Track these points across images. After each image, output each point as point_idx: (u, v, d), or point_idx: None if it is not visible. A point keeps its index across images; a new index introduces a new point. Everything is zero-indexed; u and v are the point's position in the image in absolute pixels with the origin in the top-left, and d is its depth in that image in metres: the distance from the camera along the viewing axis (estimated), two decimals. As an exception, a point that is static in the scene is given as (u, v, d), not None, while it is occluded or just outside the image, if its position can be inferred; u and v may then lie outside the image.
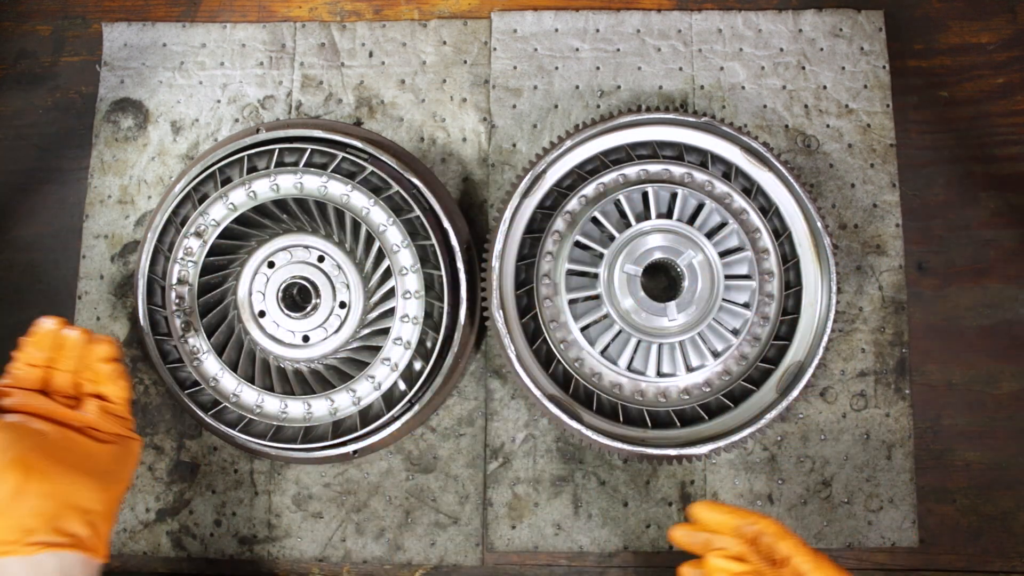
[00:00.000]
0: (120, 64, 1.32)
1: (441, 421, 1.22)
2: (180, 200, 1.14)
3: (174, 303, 1.15)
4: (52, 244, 1.30)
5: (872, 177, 1.25)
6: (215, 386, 1.15)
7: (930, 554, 1.19)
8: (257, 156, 1.16)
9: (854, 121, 1.26)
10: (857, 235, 1.24)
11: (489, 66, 1.29)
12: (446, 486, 1.21)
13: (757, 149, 1.12)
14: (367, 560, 1.20)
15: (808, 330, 1.11)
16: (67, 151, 1.32)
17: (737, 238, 1.13)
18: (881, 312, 1.22)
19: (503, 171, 1.26)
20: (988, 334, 1.23)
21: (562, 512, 1.19)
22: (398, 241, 1.14)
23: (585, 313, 1.13)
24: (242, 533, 1.21)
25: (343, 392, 1.13)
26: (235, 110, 1.30)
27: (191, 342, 1.15)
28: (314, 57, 1.30)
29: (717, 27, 1.28)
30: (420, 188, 1.14)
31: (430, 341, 1.13)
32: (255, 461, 1.22)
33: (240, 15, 1.33)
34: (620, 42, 1.29)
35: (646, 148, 1.17)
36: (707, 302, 1.11)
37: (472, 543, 1.19)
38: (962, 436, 1.21)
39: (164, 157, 1.29)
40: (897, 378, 1.21)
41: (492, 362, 1.22)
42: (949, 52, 1.30)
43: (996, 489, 1.20)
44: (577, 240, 1.12)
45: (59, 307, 1.27)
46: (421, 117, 1.29)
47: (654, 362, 1.12)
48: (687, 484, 1.19)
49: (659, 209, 1.13)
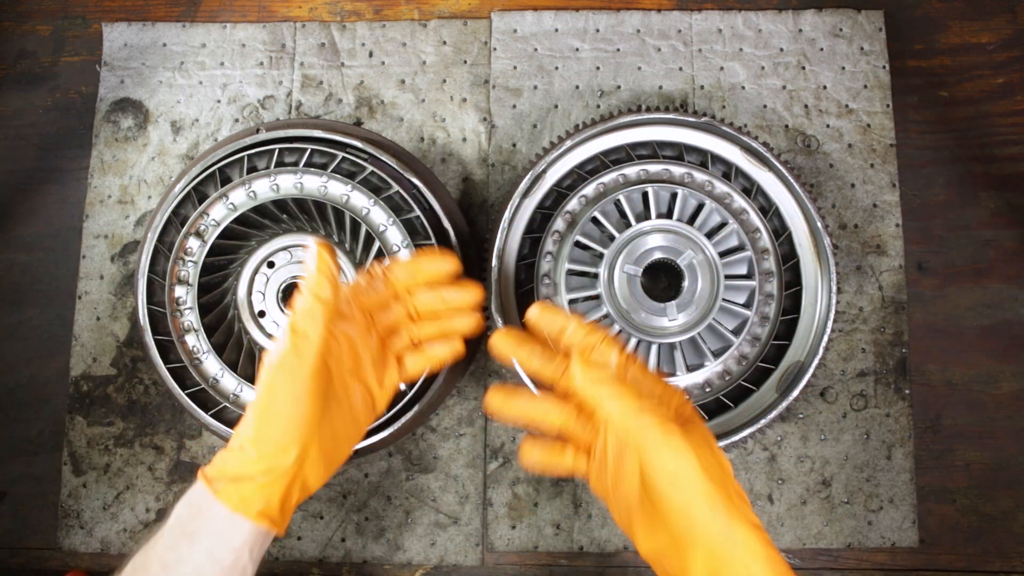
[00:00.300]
0: (120, 64, 1.32)
1: (441, 421, 1.22)
2: (180, 200, 1.14)
3: (174, 303, 1.15)
4: (52, 244, 1.30)
5: (872, 177, 1.25)
6: (215, 386, 1.15)
7: (930, 554, 1.19)
8: (257, 156, 1.16)
9: (854, 121, 1.26)
10: (857, 235, 1.24)
11: (489, 66, 1.29)
12: (446, 486, 1.21)
13: (757, 149, 1.12)
14: (367, 560, 1.20)
15: (808, 330, 1.11)
16: (67, 151, 1.32)
17: (737, 238, 1.13)
18: (881, 312, 1.22)
19: (503, 171, 1.26)
20: (988, 334, 1.23)
21: (562, 512, 1.19)
22: (398, 241, 1.14)
23: (585, 313, 1.13)
24: (242, 533, 1.21)
25: (343, 392, 1.13)
26: (235, 110, 1.30)
27: (191, 342, 1.15)
28: (314, 57, 1.30)
29: (717, 27, 1.28)
30: (420, 188, 1.14)
31: (430, 341, 1.13)
32: (255, 461, 1.22)
33: (240, 15, 1.33)
34: (620, 42, 1.29)
35: (646, 148, 1.17)
36: (707, 302, 1.11)
37: (472, 543, 1.19)
38: (962, 436, 1.21)
39: (164, 157, 1.29)
40: (897, 378, 1.21)
41: (492, 362, 1.23)
42: (949, 52, 1.30)
43: (996, 489, 1.20)
44: (577, 240, 1.12)
45: (59, 307, 1.27)
46: (421, 117, 1.29)
47: (654, 362, 1.12)
48: (687, 484, 1.19)
49: (659, 209, 1.13)
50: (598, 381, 0.80)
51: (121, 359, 1.25)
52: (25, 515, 1.24)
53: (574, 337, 0.86)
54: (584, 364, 0.82)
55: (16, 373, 1.27)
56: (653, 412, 0.78)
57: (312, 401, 0.81)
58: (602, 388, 0.80)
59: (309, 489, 0.84)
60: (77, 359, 1.25)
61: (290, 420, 0.80)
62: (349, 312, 0.89)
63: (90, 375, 1.25)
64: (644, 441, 0.77)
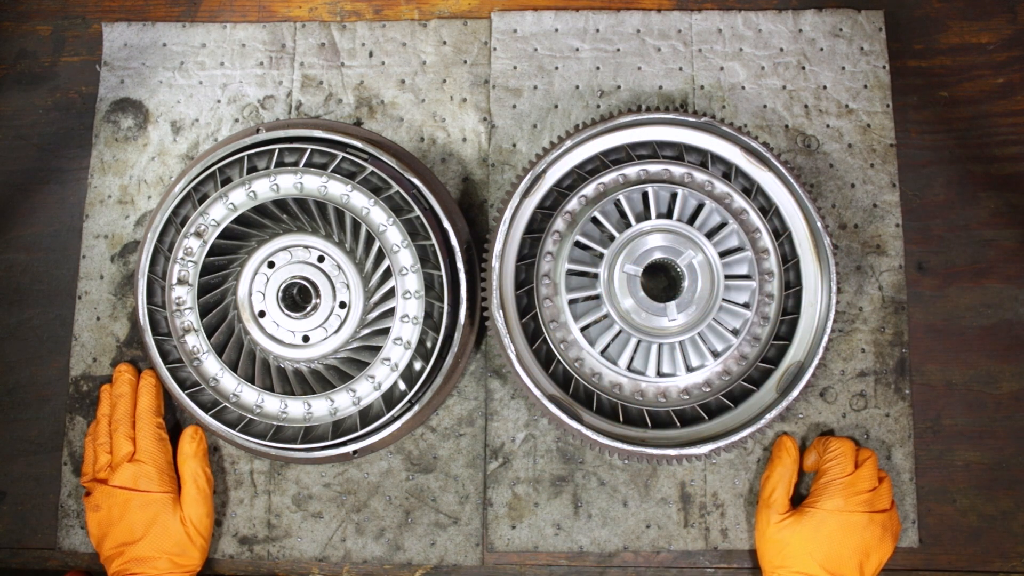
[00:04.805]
0: (120, 64, 1.32)
1: (441, 421, 1.22)
2: (180, 200, 1.14)
3: (174, 303, 1.15)
4: (52, 244, 1.30)
5: (872, 177, 1.25)
6: (215, 386, 1.15)
7: (930, 554, 1.19)
8: (257, 156, 1.16)
9: (854, 121, 1.26)
10: (857, 235, 1.24)
11: (489, 66, 1.29)
12: (446, 486, 1.20)
13: (757, 149, 1.12)
14: (367, 560, 1.20)
15: (808, 330, 1.11)
16: (67, 151, 1.32)
17: (737, 238, 1.13)
18: (881, 312, 1.22)
19: (503, 171, 1.26)
20: (988, 334, 1.23)
21: (562, 512, 1.19)
22: (398, 241, 1.14)
23: (585, 313, 1.13)
24: (242, 533, 1.21)
25: (343, 392, 1.13)
26: (235, 110, 1.30)
27: (191, 342, 1.15)
28: (314, 57, 1.30)
29: (717, 27, 1.28)
30: (420, 188, 1.14)
31: (430, 341, 1.13)
32: (255, 461, 1.22)
33: (240, 15, 1.33)
34: (620, 42, 1.29)
35: (646, 148, 1.17)
36: (707, 302, 1.11)
37: (472, 543, 1.19)
38: (962, 436, 1.21)
39: (164, 157, 1.29)
40: (897, 378, 1.21)
41: (492, 362, 1.22)
42: (949, 52, 1.30)
43: (996, 489, 1.20)
44: (577, 240, 1.12)
45: (59, 307, 1.27)
46: (421, 117, 1.29)
47: (654, 362, 1.12)
48: (687, 484, 1.19)
49: (659, 209, 1.13)
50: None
51: (121, 359, 1.25)
52: (25, 515, 1.24)
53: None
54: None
55: (16, 373, 1.27)
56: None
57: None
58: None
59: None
60: (77, 359, 1.25)
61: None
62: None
63: (90, 375, 1.25)
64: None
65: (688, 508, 1.19)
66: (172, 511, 1.13)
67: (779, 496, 1.13)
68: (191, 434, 1.18)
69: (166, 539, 1.12)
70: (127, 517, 1.12)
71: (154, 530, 1.12)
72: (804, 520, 1.10)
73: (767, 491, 1.14)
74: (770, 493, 1.14)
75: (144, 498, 1.12)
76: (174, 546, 1.12)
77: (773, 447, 1.17)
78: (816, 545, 1.08)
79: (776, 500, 1.13)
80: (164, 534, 1.12)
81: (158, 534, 1.12)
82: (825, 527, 1.09)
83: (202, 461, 1.18)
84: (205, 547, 1.16)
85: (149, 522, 1.12)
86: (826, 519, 1.09)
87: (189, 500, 1.14)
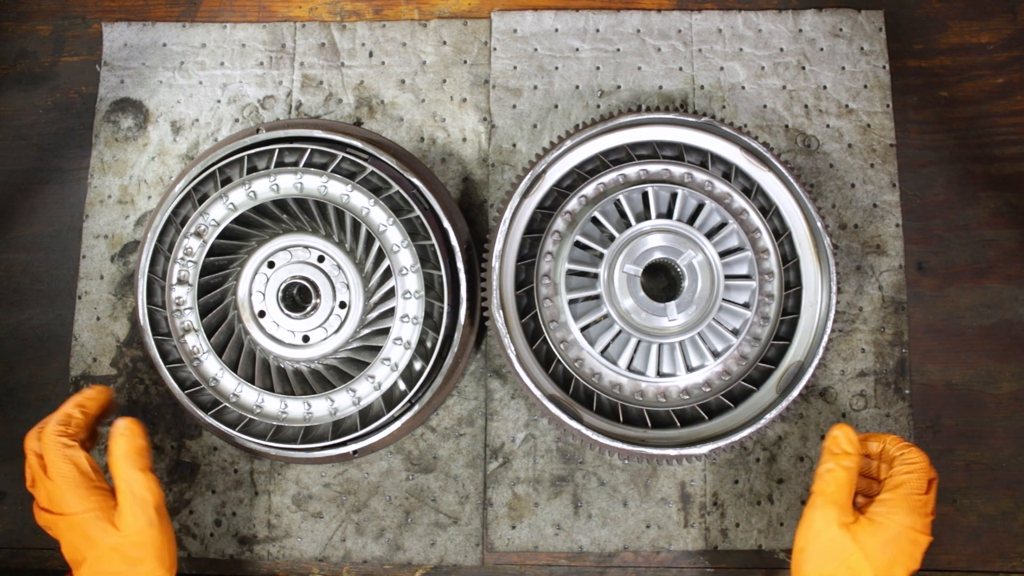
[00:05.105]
0: (120, 64, 1.32)
1: (441, 421, 1.22)
2: (180, 200, 1.14)
3: (174, 303, 1.15)
4: (52, 244, 1.30)
5: (872, 177, 1.25)
6: (215, 386, 1.15)
7: (930, 554, 1.19)
8: (257, 156, 1.16)
9: (854, 121, 1.26)
10: (857, 235, 1.24)
11: (489, 66, 1.29)
12: (446, 486, 1.21)
13: (757, 149, 1.12)
14: (367, 560, 1.20)
15: (808, 330, 1.11)
16: (67, 151, 1.32)
17: (737, 238, 1.13)
18: (881, 312, 1.22)
19: (503, 171, 1.26)
20: (988, 334, 1.23)
21: (562, 512, 1.19)
22: (398, 241, 1.14)
23: (585, 313, 1.13)
24: (242, 533, 1.21)
25: (343, 392, 1.13)
26: (235, 110, 1.30)
27: (191, 342, 1.15)
28: (314, 57, 1.30)
29: (717, 27, 1.28)
30: (420, 188, 1.14)
31: (430, 341, 1.13)
32: (255, 461, 1.22)
33: (240, 15, 1.33)
34: (620, 42, 1.29)
35: (646, 148, 1.17)
36: (707, 302, 1.11)
37: (472, 543, 1.19)
38: (962, 436, 1.21)
39: (164, 157, 1.29)
40: (897, 378, 1.21)
41: (492, 362, 1.22)
42: (949, 52, 1.30)
43: (996, 489, 1.20)
44: (577, 240, 1.12)
45: (59, 307, 1.27)
46: (421, 117, 1.29)
47: (654, 362, 1.12)
48: (687, 484, 1.19)
49: (659, 209, 1.13)
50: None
51: (121, 359, 1.25)
52: (25, 515, 1.24)
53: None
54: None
55: (16, 373, 1.27)
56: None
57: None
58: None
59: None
60: (77, 359, 1.25)
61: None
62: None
63: (90, 375, 1.25)
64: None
65: (688, 508, 1.19)
66: (103, 530, 0.99)
67: (847, 495, 1.03)
68: (121, 430, 1.02)
69: (105, 562, 0.99)
70: (64, 539, 1.02)
71: (91, 555, 1.00)
72: (877, 529, 1.02)
73: (831, 486, 1.03)
74: (836, 489, 1.03)
75: (68, 521, 1.00)
76: (116, 569, 1.00)
77: (829, 440, 1.05)
78: (884, 557, 1.02)
79: (844, 499, 1.03)
80: (100, 558, 0.99)
81: (95, 559, 0.99)
82: (897, 541, 1.02)
83: (136, 461, 1.01)
84: (164, 556, 1.01)
85: (84, 545, 1.00)
86: (900, 533, 1.02)
87: (125, 511, 1.00)
